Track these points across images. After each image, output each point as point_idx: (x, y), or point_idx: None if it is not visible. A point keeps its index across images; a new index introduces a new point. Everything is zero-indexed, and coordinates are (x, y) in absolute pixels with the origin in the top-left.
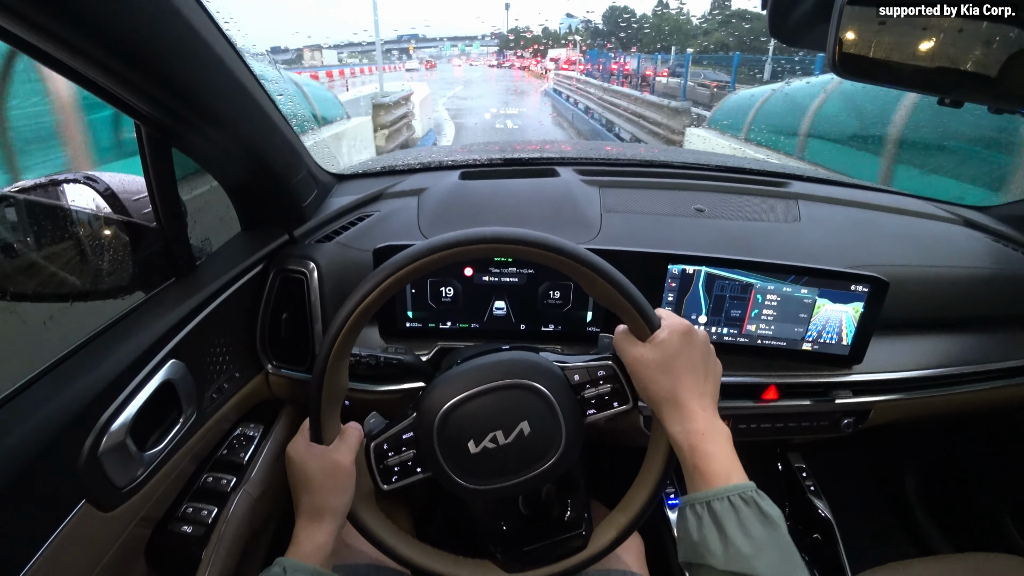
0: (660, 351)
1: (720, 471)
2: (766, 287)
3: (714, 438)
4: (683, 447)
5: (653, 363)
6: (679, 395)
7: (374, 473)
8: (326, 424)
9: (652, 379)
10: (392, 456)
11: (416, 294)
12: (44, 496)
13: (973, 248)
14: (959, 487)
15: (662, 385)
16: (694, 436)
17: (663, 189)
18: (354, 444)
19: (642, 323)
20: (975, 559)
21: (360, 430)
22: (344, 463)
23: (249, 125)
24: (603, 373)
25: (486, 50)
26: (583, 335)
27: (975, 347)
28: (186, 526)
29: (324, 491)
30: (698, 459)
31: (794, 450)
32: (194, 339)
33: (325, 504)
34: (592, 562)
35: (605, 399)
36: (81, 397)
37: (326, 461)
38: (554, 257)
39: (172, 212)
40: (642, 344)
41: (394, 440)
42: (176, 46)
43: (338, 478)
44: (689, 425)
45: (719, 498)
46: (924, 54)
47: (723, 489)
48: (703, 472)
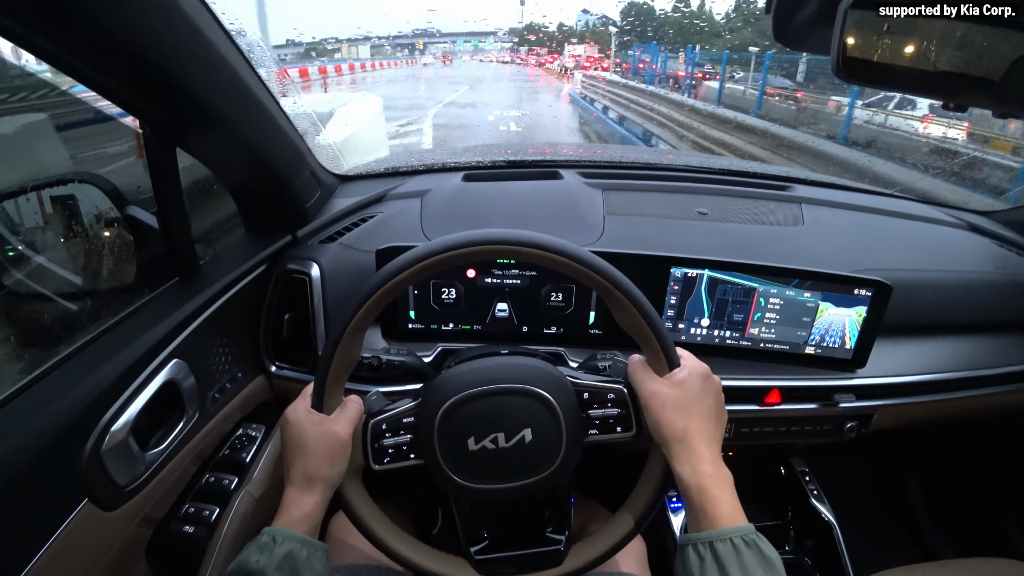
0: (679, 391)
1: (725, 514)
2: (769, 291)
3: (720, 482)
4: (691, 488)
5: (670, 401)
6: (691, 436)
7: (367, 451)
8: (330, 393)
9: (667, 417)
10: (389, 437)
11: (419, 296)
12: (46, 495)
13: (977, 253)
14: (962, 492)
15: (676, 424)
16: (703, 478)
17: (666, 192)
18: (354, 418)
19: (663, 359)
20: (978, 564)
21: (361, 405)
22: (342, 434)
23: (252, 126)
24: (613, 396)
25: (500, 46)
26: (585, 337)
27: (979, 352)
28: (188, 526)
29: (318, 459)
30: (705, 501)
31: (797, 454)
32: (197, 339)
33: (317, 472)
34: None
35: (610, 422)
36: (83, 397)
37: (324, 429)
38: (594, 277)
39: (175, 212)
40: (660, 380)
41: (393, 422)
42: (180, 47)
43: (334, 448)
44: (699, 467)
45: (722, 539)
46: (928, 58)
47: (726, 531)
48: (708, 514)
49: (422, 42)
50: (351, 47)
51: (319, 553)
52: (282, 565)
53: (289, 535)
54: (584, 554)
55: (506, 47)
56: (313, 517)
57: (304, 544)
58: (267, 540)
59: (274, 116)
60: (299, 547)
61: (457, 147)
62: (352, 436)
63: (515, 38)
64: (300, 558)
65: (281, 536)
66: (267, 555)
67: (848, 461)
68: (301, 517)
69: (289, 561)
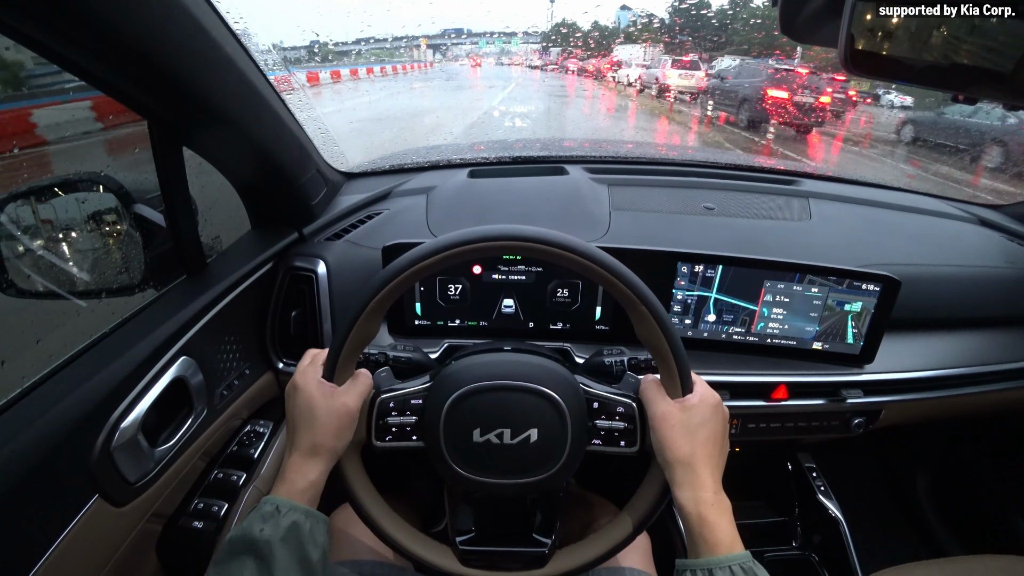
0: (689, 415)
1: (724, 541)
2: (776, 286)
3: (720, 510)
4: (691, 514)
5: (679, 424)
6: (695, 462)
7: (371, 427)
8: (343, 366)
9: (674, 439)
10: (394, 416)
11: (425, 292)
12: (57, 491)
13: (987, 247)
14: (970, 488)
15: (682, 448)
16: (703, 505)
17: (672, 187)
18: (364, 391)
19: (678, 383)
20: (986, 561)
21: (371, 379)
22: (353, 407)
23: (259, 124)
24: (621, 410)
25: (527, 47)
26: (591, 333)
27: (988, 347)
28: (197, 521)
29: (326, 430)
30: (704, 528)
31: (804, 450)
32: (205, 336)
33: (324, 443)
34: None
35: (614, 435)
36: (93, 394)
37: (335, 401)
38: (622, 289)
39: (183, 210)
40: (672, 402)
41: (401, 401)
42: (186, 46)
43: (344, 420)
44: (700, 493)
45: (721, 567)
46: (937, 51)
47: (724, 558)
48: (707, 540)
49: (424, 41)
50: (413, 50)
51: (321, 525)
52: (287, 536)
53: (293, 506)
54: (572, 558)
55: (534, 48)
56: (317, 486)
57: (307, 516)
58: (271, 510)
59: (280, 114)
60: (303, 518)
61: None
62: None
63: (544, 43)
64: (304, 530)
65: (285, 506)
66: (272, 525)
67: (855, 457)
68: (306, 486)
69: (294, 532)
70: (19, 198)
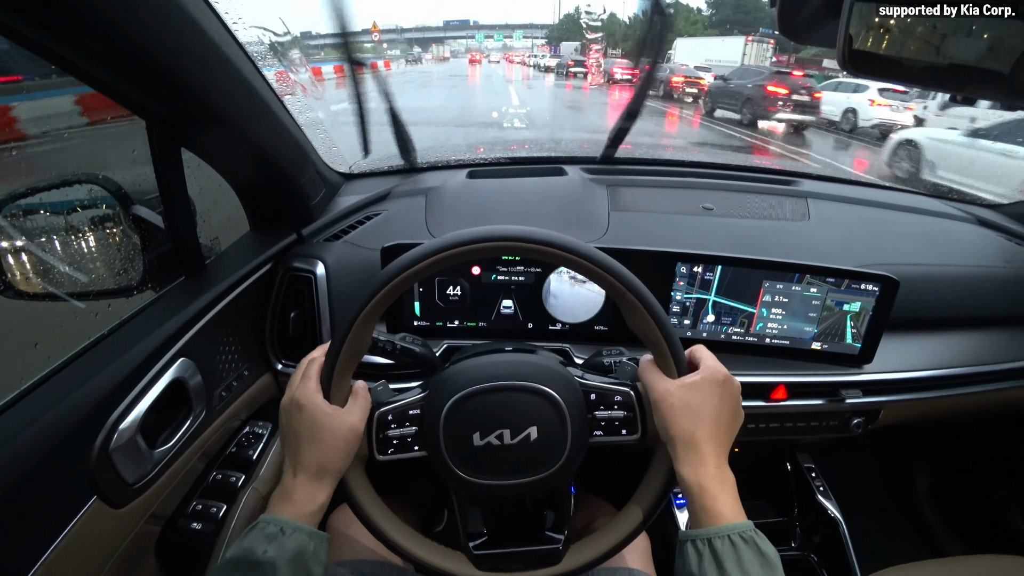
0: (690, 393)
1: (724, 512)
2: (775, 286)
3: (722, 483)
4: (692, 486)
5: (680, 402)
6: (698, 439)
7: (372, 441)
8: (339, 381)
9: (675, 419)
10: (394, 428)
11: (424, 293)
12: (56, 493)
13: (986, 246)
14: (970, 488)
15: (683, 426)
16: (704, 478)
17: (671, 188)
18: (367, 409)
19: (672, 364)
20: (986, 561)
21: (369, 395)
22: (359, 428)
23: (257, 125)
24: (619, 399)
25: (532, 42)
26: (590, 334)
27: (987, 347)
28: (196, 523)
29: (333, 452)
30: (705, 499)
31: (803, 450)
32: (203, 337)
33: (332, 465)
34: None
35: (615, 424)
36: (92, 395)
37: (342, 423)
38: (611, 281)
39: (181, 211)
40: (672, 381)
41: (399, 413)
42: (185, 47)
43: (351, 442)
44: (701, 468)
45: (720, 536)
46: (935, 51)
47: (724, 527)
48: (708, 511)
49: (376, 27)
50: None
51: (323, 544)
52: (294, 559)
53: (298, 527)
54: (585, 552)
55: (540, 43)
56: (324, 508)
57: (312, 536)
58: (275, 531)
59: (278, 115)
60: (307, 539)
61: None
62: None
63: (548, 35)
64: (308, 551)
65: (290, 528)
66: (276, 547)
67: (854, 457)
68: (315, 510)
69: (300, 554)
70: (17, 198)
